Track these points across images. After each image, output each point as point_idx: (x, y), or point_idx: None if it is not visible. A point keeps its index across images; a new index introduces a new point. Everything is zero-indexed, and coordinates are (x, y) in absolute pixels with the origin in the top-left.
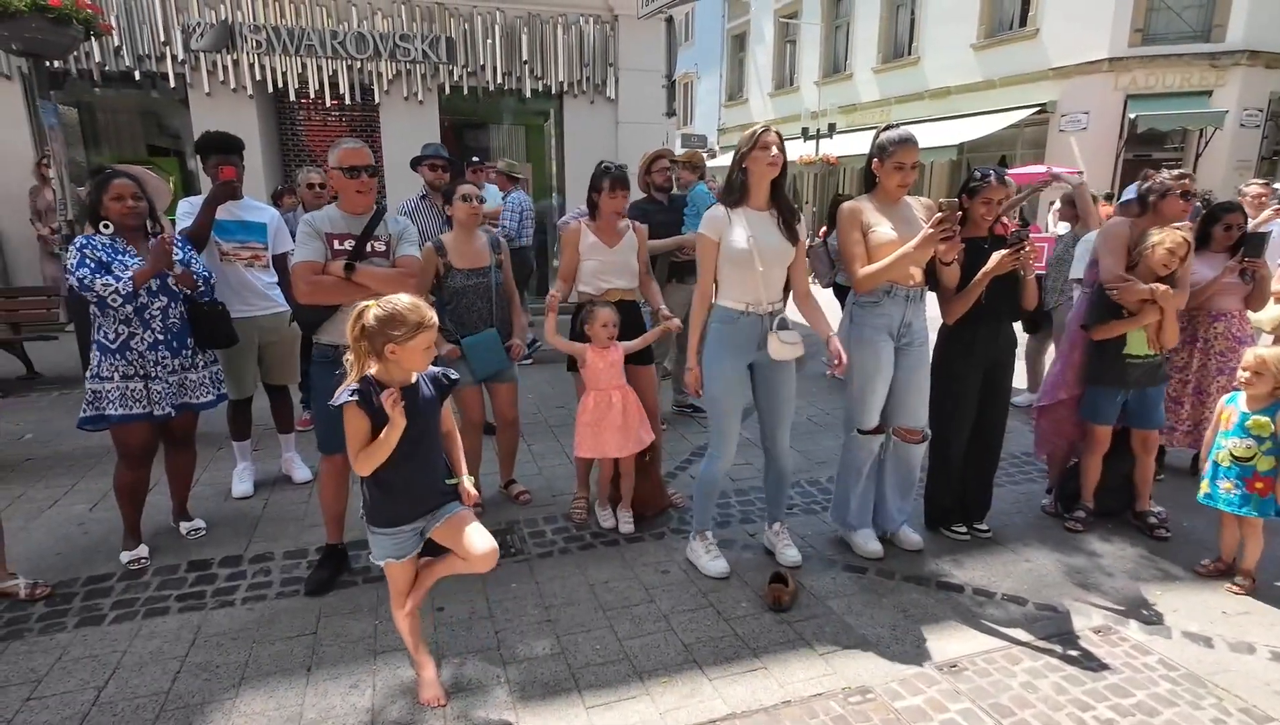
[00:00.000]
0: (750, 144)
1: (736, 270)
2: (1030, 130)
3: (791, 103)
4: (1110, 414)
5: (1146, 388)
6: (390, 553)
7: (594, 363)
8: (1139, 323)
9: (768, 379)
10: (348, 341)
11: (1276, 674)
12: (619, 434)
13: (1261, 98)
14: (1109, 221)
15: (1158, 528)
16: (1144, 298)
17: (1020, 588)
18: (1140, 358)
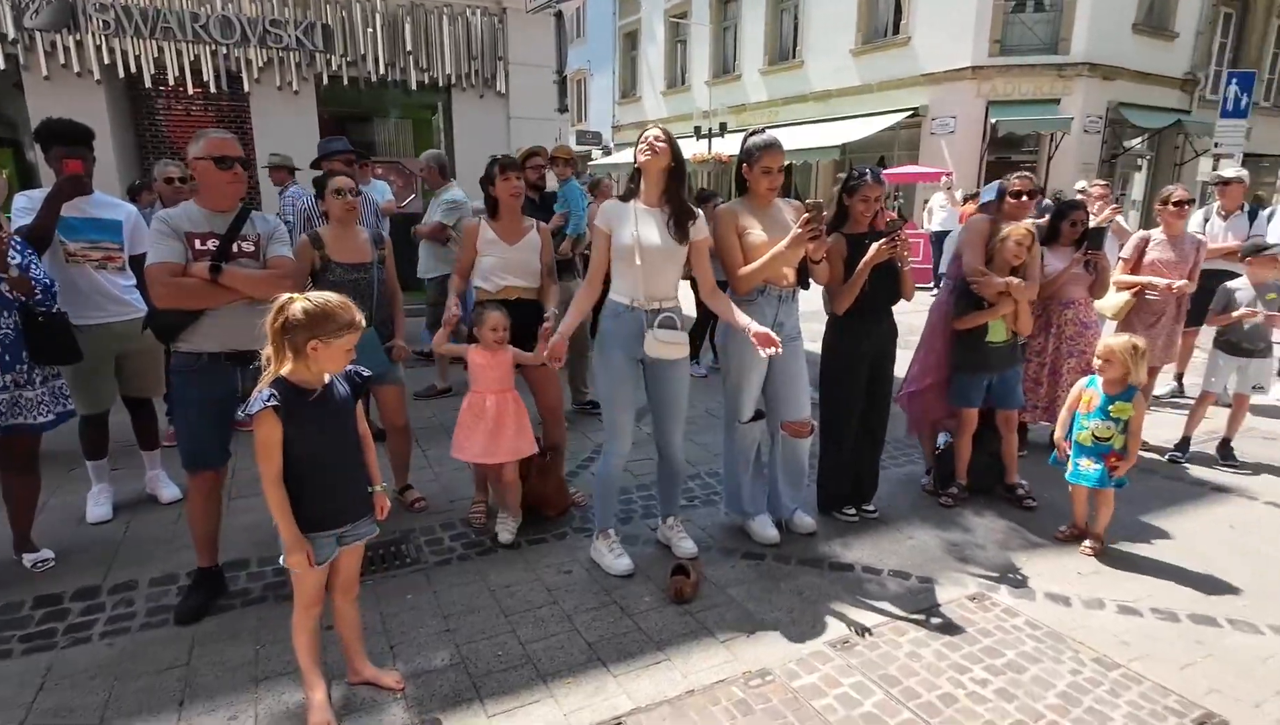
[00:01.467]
0: (639, 141)
1: (620, 264)
2: (905, 132)
3: (684, 102)
4: (976, 397)
5: (1006, 371)
6: None
7: (475, 363)
8: (997, 313)
9: (656, 377)
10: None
11: (1122, 626)
12: (488, 440)
13: (1100, 106)
14: (971, 219)
15: (1025, 499)
16: (1000, 290)
17: (904, 563)
18: (1000, 343)
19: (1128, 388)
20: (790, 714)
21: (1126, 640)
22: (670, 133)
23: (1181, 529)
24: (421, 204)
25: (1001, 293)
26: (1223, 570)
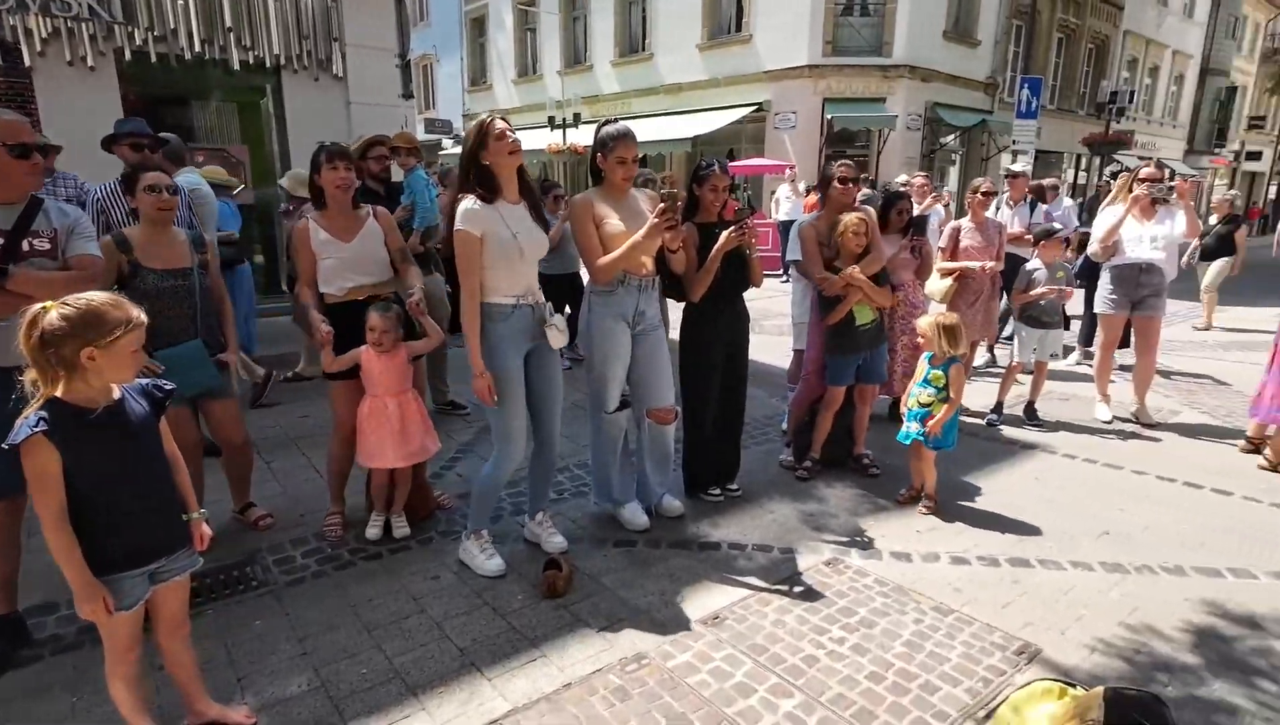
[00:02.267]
0: (479, 137)
1: (506, 264)
2: (752, 126)
3: (536, 91)
4: (849, 376)
5: (874, 349)
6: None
7: (370, 368)
8: (852, 302)
9: (542, 367)
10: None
11: (955, 575)
12: (398, 442)
13: (920, 105)
14: (799, 227)
15: (870, 467)
16: (843, 285)
17: (767, 537)
18: (869, 324)
19: (950, 359)
20: (666, 694)
21: (959, 587)
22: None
23: (998, 484)
24: (254, 194)
25: (845, 285)
26: (1032, 517)
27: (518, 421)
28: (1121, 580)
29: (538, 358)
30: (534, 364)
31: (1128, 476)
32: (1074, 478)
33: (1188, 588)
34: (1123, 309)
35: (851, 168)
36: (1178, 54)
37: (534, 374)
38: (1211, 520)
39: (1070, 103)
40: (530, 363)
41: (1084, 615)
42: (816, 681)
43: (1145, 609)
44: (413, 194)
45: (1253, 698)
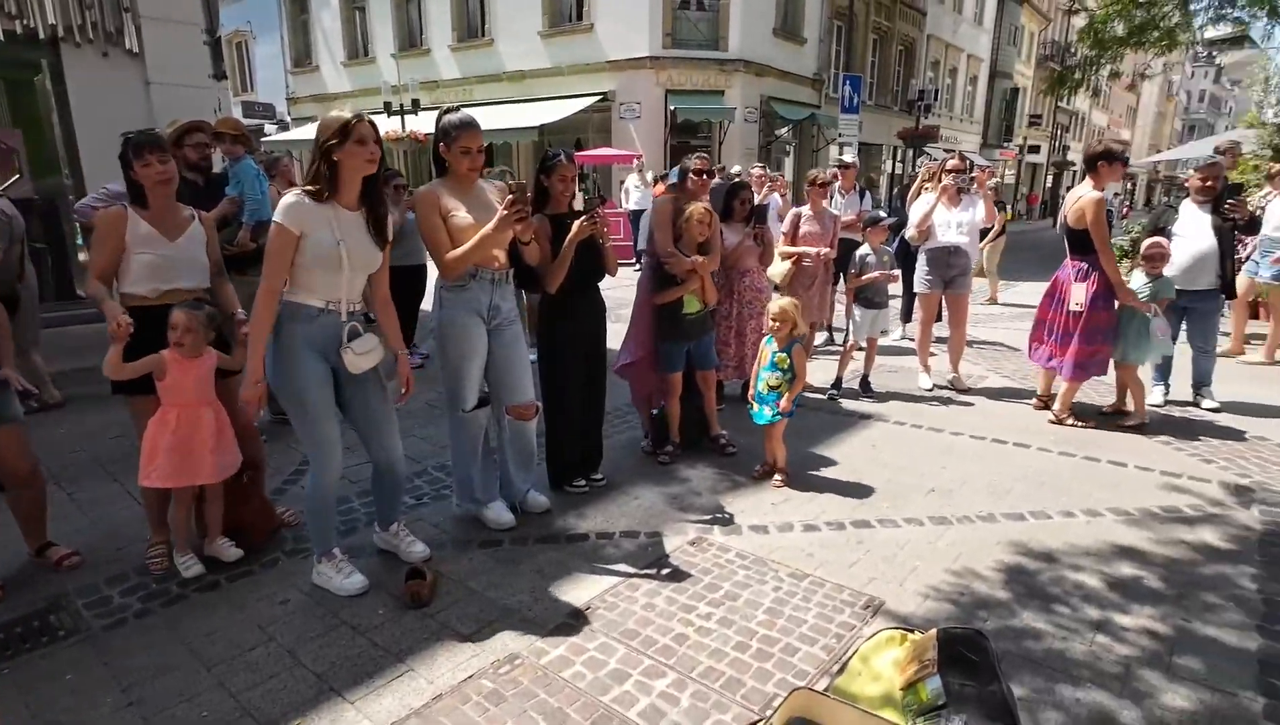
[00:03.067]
0: (341, 136)
1: (322, 272)
2: (598, 116)
3: (369, 74)
4: (679, 362)
5: (702, 337)
6: None
7: (176, 375)
8: (688, 288)
9: (358, 397)
10: None
11: (807, 541)
12: (214, 456)
13: (755, 99)
14: (657, 201)
15: (726, 447)
16: (688, 268)
17: (633, 523)
18: (695, 314)
19: (791, 341)
20: (541, 691)
21: (811, 553)
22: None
23: (841, 453)
24: (34, 187)
25: (689, 270)
26: (870, 480)
27: (324, 429)
28: (946, 531)
29: (353, 387)
30: (351, 394)
31: (947, 437)
32: (904, 442)
33: (998, 532)
34: (937, 288)
35: (706, 160)
36: (971, 57)
37: (354, 405)
38: (1014, 471)
39: (886, 99)
40: (347, 392)
41: (917, 567)
42: (687, 658)
43: (966, 555)
44: (241, 185)
45: (1052, 621)
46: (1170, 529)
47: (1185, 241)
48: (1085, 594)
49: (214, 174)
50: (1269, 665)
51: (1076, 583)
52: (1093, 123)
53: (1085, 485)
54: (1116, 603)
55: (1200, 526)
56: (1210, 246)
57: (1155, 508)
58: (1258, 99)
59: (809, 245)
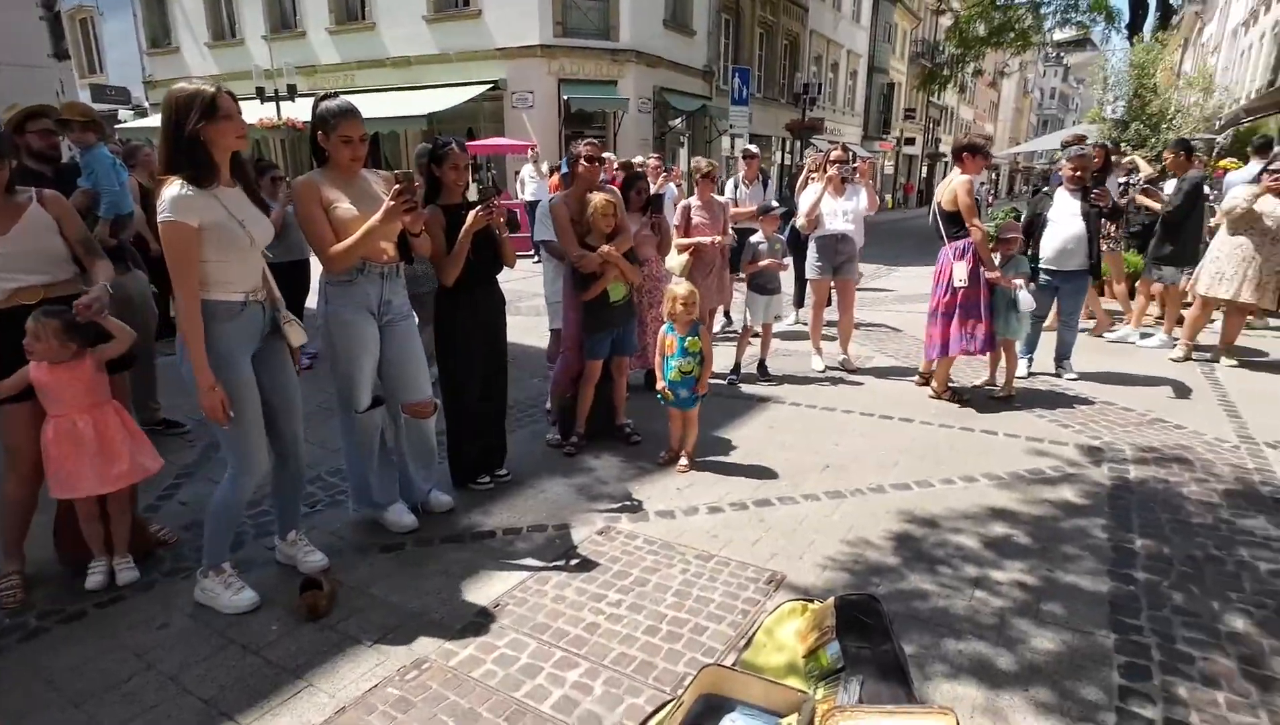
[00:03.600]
0: (208, 112)
1: (238, 256)
2: (490, 105)
3: (238, 57)
4: (604, 350)
5: (628, 322)
6: None
7: (45, 384)
8: (607, 280)
9: (274, 370)
10: None
11: (712, 523)
12: (98, 463)
13: (648, 90)
14: (550, 206)
15: (631, 435)
16: (599, 262)
17: (541, 517)
18: (621, 300)
19: (694, 326)
20: (452, 693)
21: (716, 534)
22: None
23: (741, 435)
24: None
25: (604, 262)
26: (770, 461)
27: (256, 435)
28: (841, 504)
29: (268, 358)
30: (264, 366)
31: (839, 416)
32: (800, 422)
33: (887, 502)
34: (826, 274)
35: (596, 146)
36: (851, 53)
37: (266, 378)
38: (900, 444)
39: (774, 91)
40: (259, 366)
41: (815, 540)
42: (599, 647)
43: (859, 526)
44: (94, 176)
45: (937, 581)
46: (1035, 489)
47: (1058, 226)
48: (964, 554)
49: (63, 164)
50: (1118, 605)
51: (957, 544)
52: (960, 117)
53: (962, 454)
54: (991, 560)
55: (1060, 485)
56: (1080, 230)
57: (1022, 471)
58: (1099, 97)
59: (701, 235)
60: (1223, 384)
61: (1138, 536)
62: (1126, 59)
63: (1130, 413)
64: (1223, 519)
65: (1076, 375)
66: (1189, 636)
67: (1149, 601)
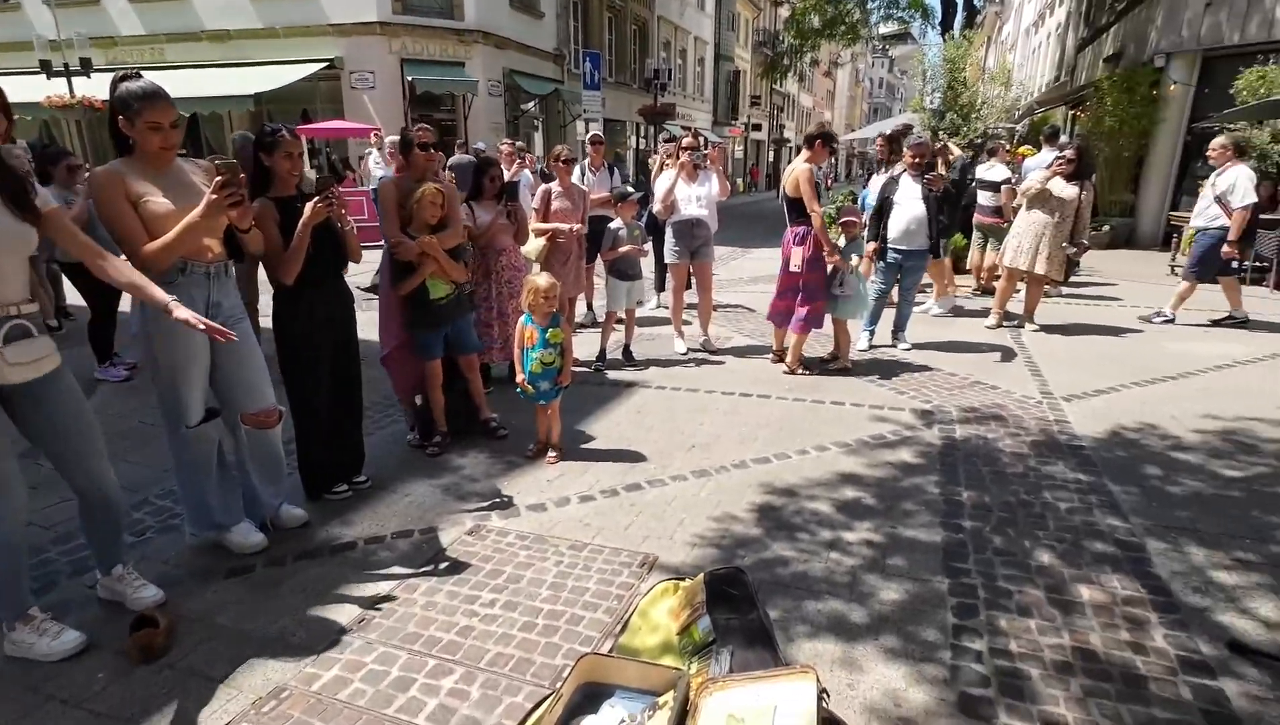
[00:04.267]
0: None
1: None
2: (326, 85)
3: (14, 25)
4: (437, 349)
5: (458, 320)
6: None
7: None
8: (425, 272)
9: (37, 402)
10: None
11: (584, 512)
12: None
13: (498, 72)
14: (380, 183)
15: (497, 430)
16: (418, 252)
17: (406, 522)
18: (444, 298)
19: (554, 317)
20: (316, 720)
21: (588, 522)
22: None
23: (609, 422)
24: None
25: (420, 253)
26: (638, 445)
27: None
28: (707, 483)
29: (42, 394)
30: (22, 402)
31: (702, 396)
32: (665, 405)
33: (750, 477)
34: (684, 258)
35: (430, 132)
36: (698, 39)
37: (26, 414)
38: (759, 419)
39: (625, 76)
40: (14, 401)
41: (685, 519)
42: (474, 650)
43: (725, 502)
44: None
45: (796, 548)
46: (878, 453)
47: (902, 208)
48: (820, 519)
49: None
50: (949, 552)
51: (813, 511)
52: (801, 104)
53: (814, 425)
54: (843, 522)
55: (899, 448)
56: (922, 212)
57: (866, 437)
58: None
59: (560, 221)
60: (1028, 347)
61: (964, 489)
62: (940, 54)
63: (955, 377)
64: (1030, 467)
65: (910, 345)
66: (1007, 574)
67: (974, 546)
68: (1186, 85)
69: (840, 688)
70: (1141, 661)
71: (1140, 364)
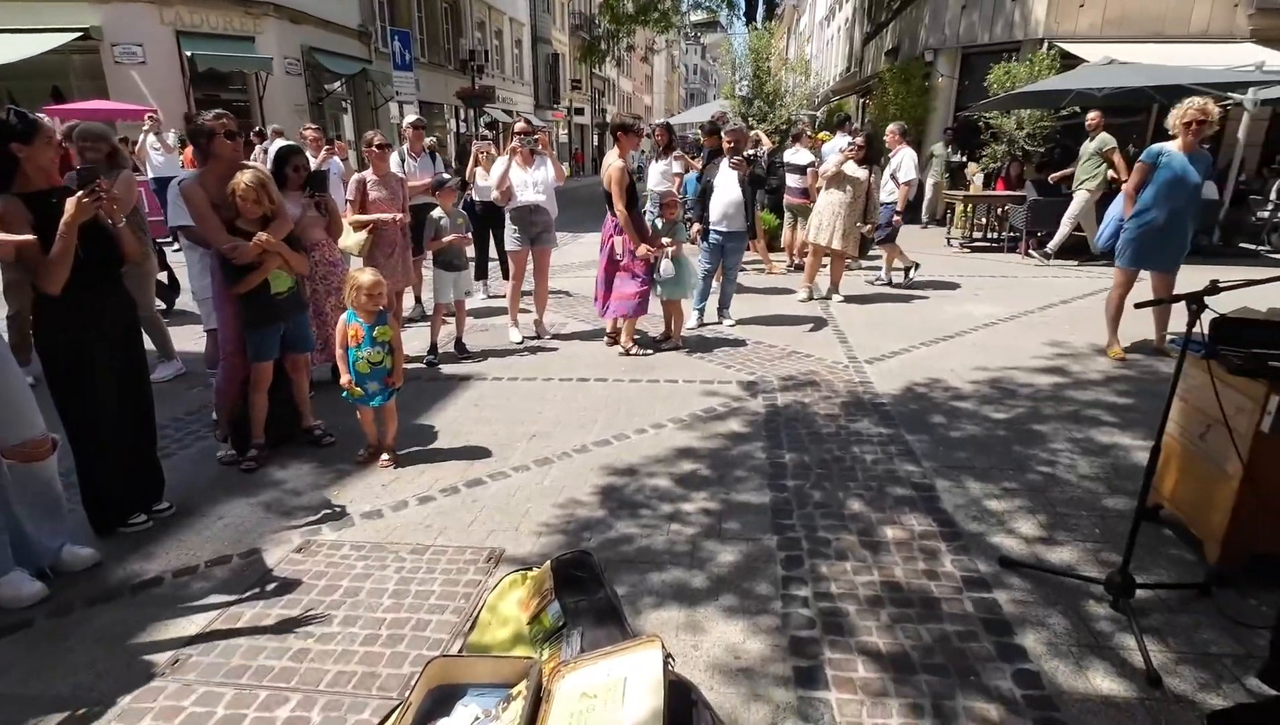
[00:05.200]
0: None
1: None
2: (82, 59)
3: None
4: (274, 349)
5: (297, 315)
6: None
7: None
8: (269, 268)
9: None
10: None
11: (424, 513)
12: None
13: (296, 49)
14: (184, 191)
15: (323, 437)
16: (257, 251)
17: (222, 547)
18: (286, 292)
19: (380, 314)
20: None
21: (429, 524)
22: None
23: (446, 417)
24: None
25: (260, 250)
26: (477, 439)
27: None
28: (549, 470)
29: None
30: None
31: (539, 384)
32: (502, 395)
33: (591, 460)
34: (525, 244)
35: (227, 118)
36: (514, 20)
37: None
38: (597, 403)
39: (439, 57)
40: None
41: (529, 509)
42: (312, 672)
43: (568, 487)
44: None
45: (639, 524)
46: (710, 426)
47: (721, 192)
48: (660, 494)
49: None
50: (777, 511)
51: (653, 487)
52: (622, 89)
53: (650, 404)
54: (682, 495)
55: (729, 419)
56: (738, 196)
57: (699, 411)
58: (729, 77)
59: (380, 212)
60: (835, 317)
61: (786, 451)
62: (746, 43)
63: (775, 348)
64: (841, 426)
65: (735, 321)
66: (825, 524)
67: (797, 503)
68: (950, 78)
69: (686, 650)
70: (935, 586)
71: (925, 326)
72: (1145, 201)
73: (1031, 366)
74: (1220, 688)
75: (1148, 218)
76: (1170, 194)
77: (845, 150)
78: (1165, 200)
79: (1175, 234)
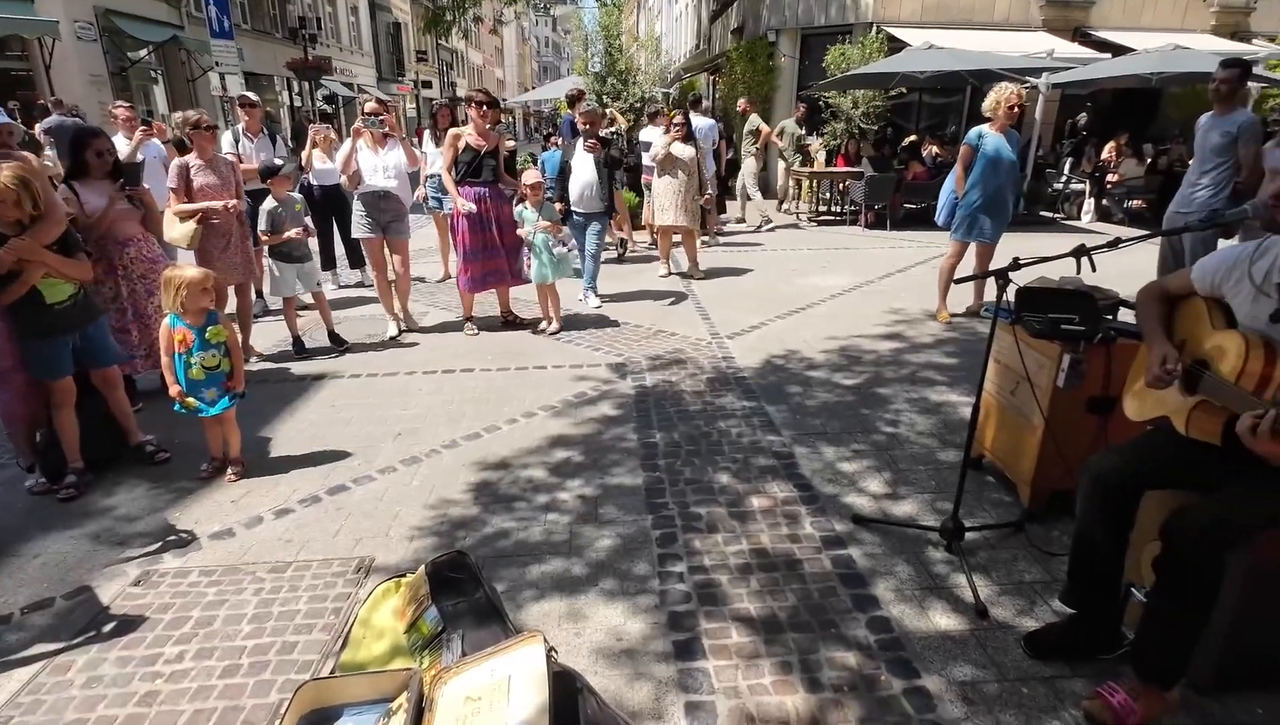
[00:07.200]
0: None
1: None
2: None
3: None
4: (64, 365)
5: (87, 327)
6: None
7: None
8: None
9: None
10: None
11: (282, 528)
12: None
13: (89, 12)
14: None
15: (157, 453)
16: (12, 259)
17: (41, 590)
18: (66, 302)
19: (210, 314)
20: None
21: (289, 538)
22: None
23: (301, 421)
24: None
25: (15, 260)
26: (338, 443)
27: None
28: (418, 470)
29: None
30: None
31: (403, 379)
32: (363, 393)
33: (462, 456)
34: (376, 232)
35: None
36: None
37: None
38: (466, 395)
39: (265, 24)
40: None
41: (399, 512)
42: (165, 715)
43: (439, 486)
44: None
45: (515, 517)
46: (582, 411)
47: (578, 173)
48: (535, 485)
49: None
50: (650, 491)
51: (528, 478)
52: (471, 61)
53: (520, 392)
54: (557, 483)
55: (600, 403)
56: (593, 177)
57: (570, 397)
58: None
59: (210, 199)
60: (696, 293)
61: (657, 431)
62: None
63: (641, 328)
64: (708, 402)
65: (600, 302)
66: (696, 499)
67: (670, 481)
68: (792, 58)
69: (569, 639)
70: (797, 548)
71: (779, 299)
72: (972, 180)
73: (874, 333)
74: (1034, 612)
75: (975, 196)
76: (992, 172)
77: (671, 131)
78: (989, 178)
79: (998, 207)
